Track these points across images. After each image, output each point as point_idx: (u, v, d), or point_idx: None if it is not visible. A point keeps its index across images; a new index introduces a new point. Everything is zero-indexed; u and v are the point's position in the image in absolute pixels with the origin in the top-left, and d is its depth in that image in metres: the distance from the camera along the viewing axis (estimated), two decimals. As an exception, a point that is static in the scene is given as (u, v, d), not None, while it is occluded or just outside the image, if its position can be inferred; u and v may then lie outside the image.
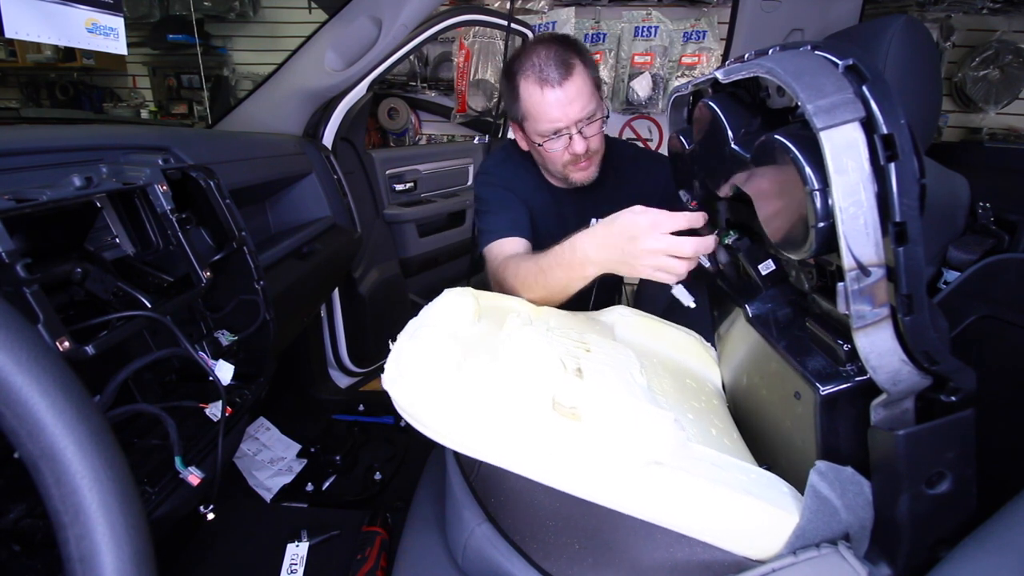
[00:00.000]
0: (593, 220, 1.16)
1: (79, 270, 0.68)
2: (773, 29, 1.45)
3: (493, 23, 2.11)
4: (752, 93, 0.59)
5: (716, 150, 0.60)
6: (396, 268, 1.98)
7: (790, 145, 0.43)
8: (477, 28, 2.71)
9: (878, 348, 0.42)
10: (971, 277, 0.85)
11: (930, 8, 2.44)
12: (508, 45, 2.10)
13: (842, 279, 0.42)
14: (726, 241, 0.70)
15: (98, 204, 0.74)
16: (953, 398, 0.45)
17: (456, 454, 0.67)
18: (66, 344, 0.55)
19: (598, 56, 2.75)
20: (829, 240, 0.42)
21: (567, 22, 2.72)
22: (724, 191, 0.62)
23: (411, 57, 2.55)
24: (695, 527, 0.49)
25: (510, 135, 1.24)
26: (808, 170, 0.41)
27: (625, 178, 1.21)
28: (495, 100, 2.78)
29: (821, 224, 0.42)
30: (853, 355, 0.48)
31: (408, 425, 0.61)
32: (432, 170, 2.16)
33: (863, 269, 0.40)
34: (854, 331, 0.43)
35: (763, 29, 1.46)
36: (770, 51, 0.50)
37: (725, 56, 1.58)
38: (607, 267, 0.83)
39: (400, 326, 0.70)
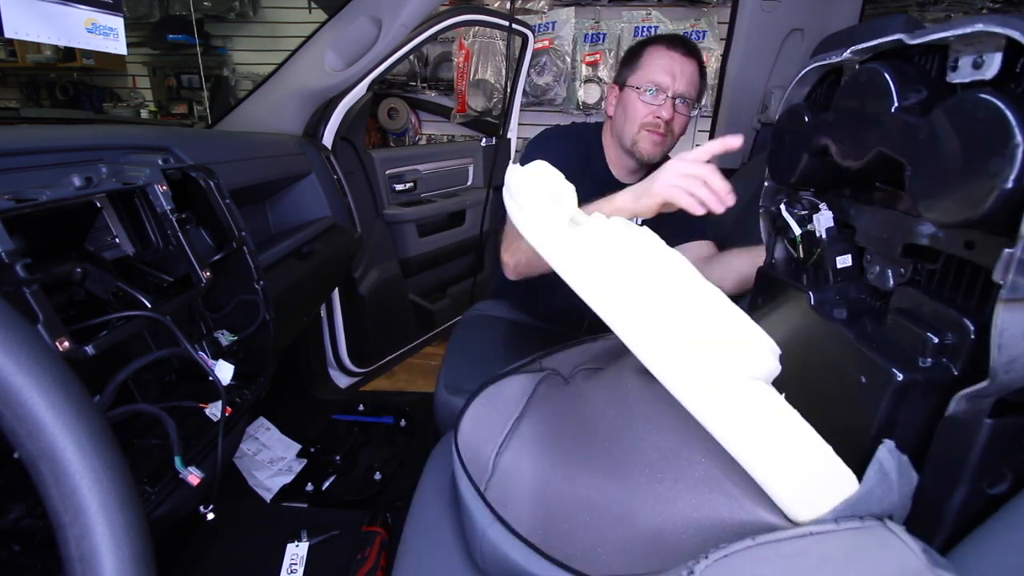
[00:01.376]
0: (636, 221, 1.20)
1: (79, 270, 0.68)
2: (773, 29, 1.46)
3: (493, 23, 2.11)
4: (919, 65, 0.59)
5: (867, 116, 0.59)
6: (396, 268, 1.98)
7: (999, 103, 0.42)
8: (477, 28, 2.71)
9: (1018, 326, 0.42)
10: None
11: (930, 8, 2.44)
12: (509, 45, 2.10)
13: (989, 257, 0.42)
14: (820, 228, 0.69)
15: (98, 204, 0.74)
16: None
17: (460, 457, 0.66)
18: (66, 344, 0.55)
19: (598, 56, 2.75)
20: (1013, 202, 0.41)
21: (567, 22, 2.72)
22: (859, 161, 0.61)
23: (411, 57, 2.55)
24: (766, 458, 0.49)
25: (512, 134, 1.24)
26: (1017, 125, 0.40)
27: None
28: (495, 100, 2.78)
29: (1012, 184, 0.40)
30: (941, 350, 0.49)
31: (408, 425, 0.60)
32: (432, 170, 2.17)
33: None
34: (1002, 302, 0.42)
35: (763, 29, 1.46)
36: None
37: (725, 56, 1.58)
38: (636, 211, 0.88)
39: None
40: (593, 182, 1.22)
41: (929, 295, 0.52)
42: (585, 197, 1.18)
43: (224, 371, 0.81)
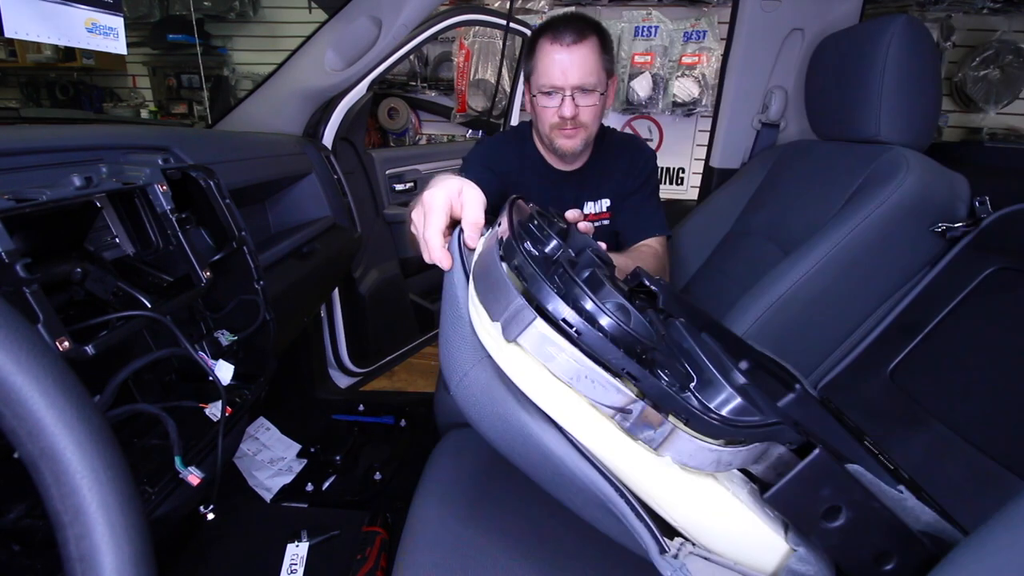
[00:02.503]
0: (588, 203, 1.25)
1: (79, 270, 0.68)
2: (773, 29, 1.46)
3: (493, 23, 2.11)
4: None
5: None
6: (396, 268, 1.98)
7: None
8: (477, 28, 2.71)
9: (687, 454, 0.44)
10: (985, 230, 0.85)
11: (930, 8, 2.44)
12: (507, 45, 2.10)
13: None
14: None
15: (98, 204, 0.74)
16: (792, 446, 0.46)
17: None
18: (66, 344, 0.55)
19: (598, 56, 2.75)
20: None
21: (567, 22, 2.72)
22: None
23: (411, 57, 2.55)
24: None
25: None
26: None
27: (613, 165, 1.26)
28: (495, 100, 2.79)
29: None
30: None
31: (408, 425, 0.59)
32: (432, 170, 2.17)
33: (623, 411, 0.43)
34: (656, 452, 0.44)
35: (763, 29, 1.46)
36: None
37: (725, 56, 1.58)
38: None
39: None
40: (534, 175, 1.25)
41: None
42: (530, 189, 1.23)
43: (224, 371, 0.81)
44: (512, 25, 2.11)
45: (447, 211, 0.58)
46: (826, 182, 1.17)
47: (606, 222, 1.28)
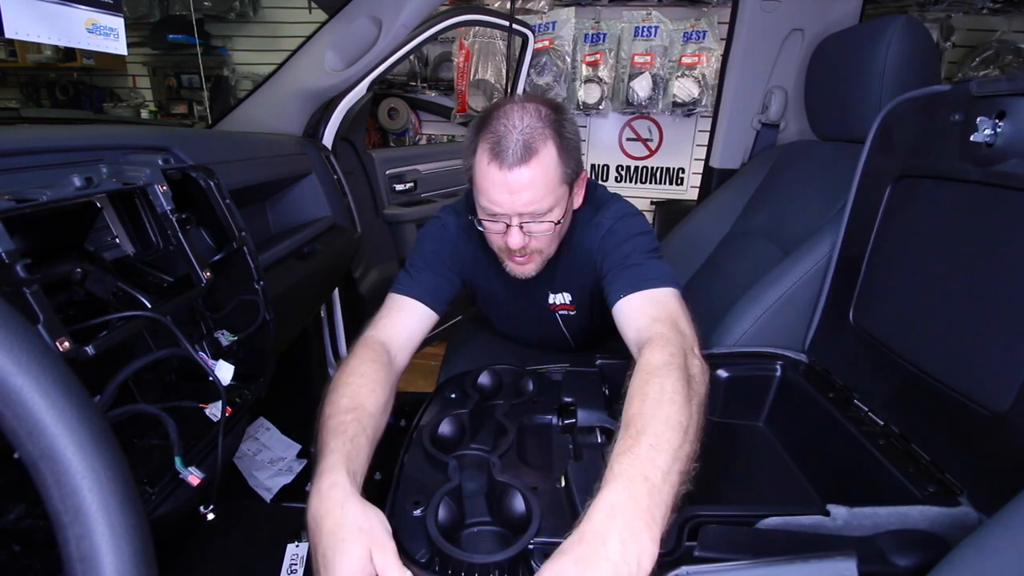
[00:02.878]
0: (552, 295, 1.07)
1: (79, 270, 0.68)
2: (773, 29, 1.46)
3: (493, 23, 2.11)
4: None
5: None
6: (396, 268, 1.98)
7: None
8: (477, 28, 2.71)
9: None
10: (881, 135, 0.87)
11: (930, 8, 2.44)
12: (509, 45, 2.10)
13: None
14: None
15: (98, 204, 0.74)
16: None
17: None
18: (66, 344, 0.55)
19: (598, 56, 2.74)
20: None
21: (567, 22, 2.72)
22: None
23: (411, 57, 2.55)
24: None
25: None
26: None
27: (585, 248, 0.99)
28: (495, 100, 2.78)
29: None
30: None
31: (408, 425, 0.61)
32: (432, 170, 2.17)
33: None
34: None
35: (763, 29, 1.46)
36: None
37: (725, 56, 1.58)
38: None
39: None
40: (497, 272, 1.03)
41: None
42: (489, 271, 1.05)
43: (224, 371, 0.81)
44: (514, 26, 2.11)
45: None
46: (826, 182, 1.17)
47: (572, 312, 1.11)
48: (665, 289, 0.84)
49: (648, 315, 0.80)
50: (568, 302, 1.09)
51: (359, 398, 0.78)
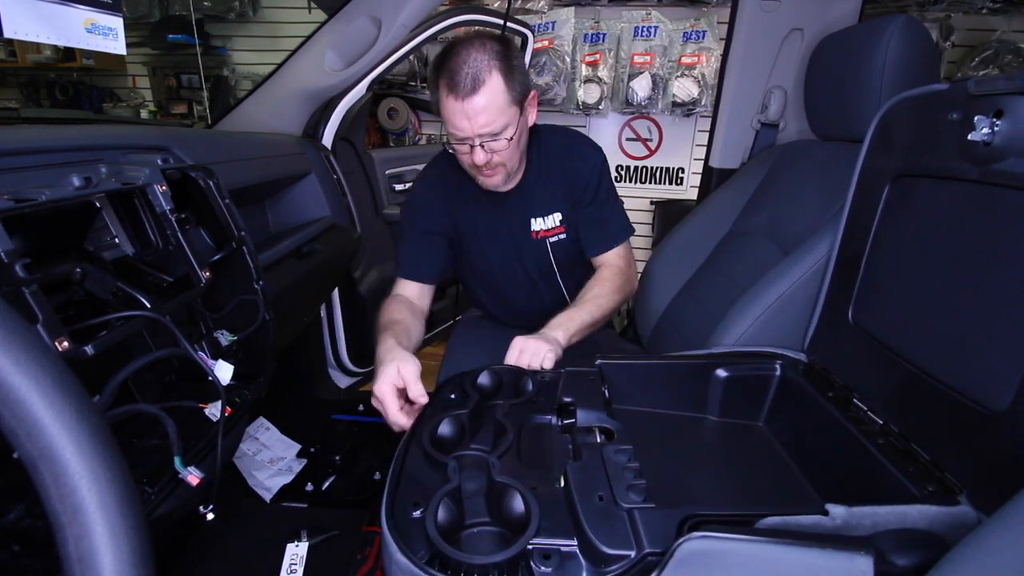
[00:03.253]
0: (536, 220, 1.22)
1: (78, 270, 0.68)
2: (773, 29, 1.46)
3: (492, 23, 2.11)
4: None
5: None
6: (396, 268, 1.98)
7: None
8: (476, 28, 2.71)
9: None
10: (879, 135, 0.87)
11: (930, 8, 2.44)
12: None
13: None
14: None
15: (97, 204, 0.74)
16: None
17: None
18: (65, 344, 0.55)
19: (598, 56, 2.75)
20: None
21: (567, 22, 2.72)
22: None
23: (411, 57, 2.55)
24: None
25: None
26: None
27: (557, 174, 1.19)
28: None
29: None
30: None
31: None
32: (432, 170, 2.16)
33: None
34: None
35: (763, 29, 1.46)
36: None
37: (725, 56, 1.58)
38: None
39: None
40: (477, 204, 1.21)
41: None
42: (476, 220, 1.22)
43: (224, 371, 0.81)
44: (510, 25, 2.11)
45: (395, 394, 0.86)
46: (825, 182, 1.17)
47: (562, 236, 1.23)
48: (625, 244, 1.23)
49: (609, 257, 1.22)
50: (557, 224, 1.22)
51: (394, 317, 1.10)
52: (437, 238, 1.23)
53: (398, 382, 0.87)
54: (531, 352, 0.95)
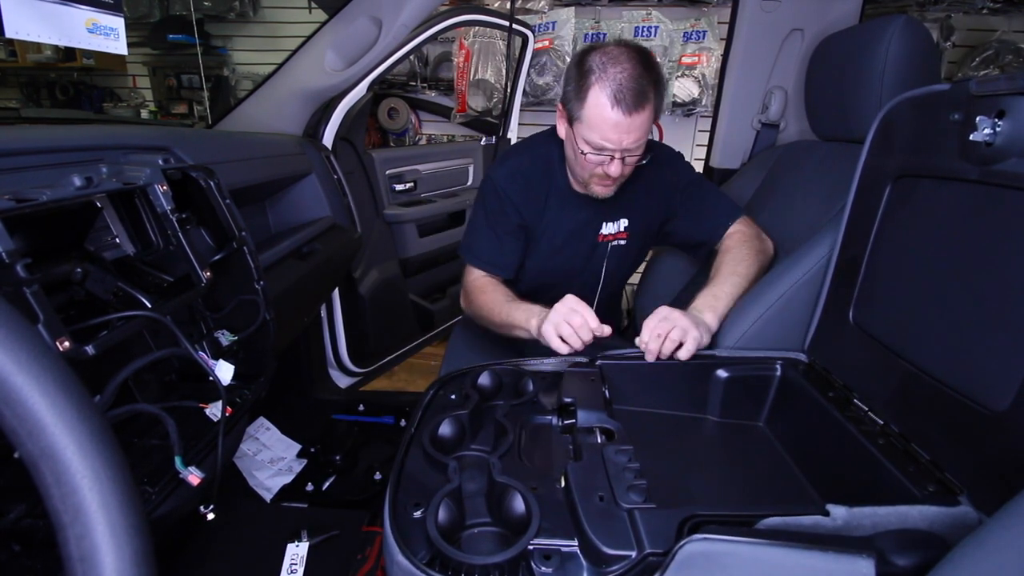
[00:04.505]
0: (606, 224, 1.22)
1: (79, 270, 0.68)
2: (773, 29, 1.46)
3: (493, 23, 2.11)
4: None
5: None
6: (396, 268, 1.98)
7: None
8: (477, 28, 2.71)
9: None
10: (880, 135, 0.87)
11: (930, 8, 2.44)
12: (509, 45, 2.10)
13: None
14: None
15: (98, 204, 0.74)
16: None
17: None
18: (66, 344, 0.55)
19: (598, 56, 2.74)
20: None
21: (567, 22, 2.72)
22: None
23: (411, 57, 2.55)
24: None
25: (512, 134, 1.25)
26: None
27: (636, 186, 1.19)
28: (495, 100, 2.78)
29: None
30: None
31: (408, 424, 0.61)
32: (432, 170, 2.17)
33: None
34: None
35: (763, 29, 1.46)
36: None
37: (725, 56, 1.58)
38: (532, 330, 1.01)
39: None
40: (559, 201, 1.20)
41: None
42: (549, 208, 1.21)
43: (224, 371, 0.81)
44: (514, 26, 2.11)
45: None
46: (826, 182, 1.17)
47: (622, 242, 1.24)
48: (740, 217, 1.22)
49: (732, 230, 1.20)
50: (622, 230, 1.23)
51: (502, 292, 1.16)
52: (517, 233, 1.21)
53: (583, 310, 0.92)
54: (676, 326, 0.91)
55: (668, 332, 0.90)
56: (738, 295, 1.04)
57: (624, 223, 1.22)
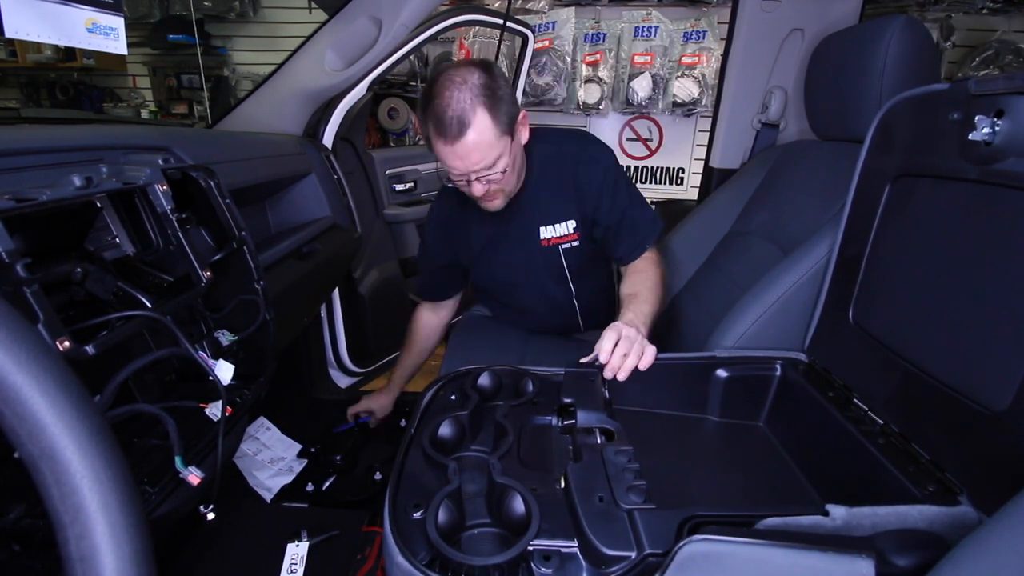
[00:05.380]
0: (544, 229, 1.21)
1: (79, 270, 0.68)
2: (773, 29, 1.46)
3: (492, 23, 2.11)
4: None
5: None
6: (396, 268, 1.98)
7: None
8: (477, 28, 2.71)
9: None
10: (880, 135, 0.87)
11: (930, 8, 2.44)
12: (505, 44, 2.09)
13: None
14: None
15: (98, 204, 0.74)
16: None
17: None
18: (66, 344, 0.55)
19: (598, 56, 2.75)
20: None
21: (567, 22, 2.72)
22: None
23: (411, 57, 2.55)
24: None
25: None
26: None
27: (560, 178, 1.17)
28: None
29: None
30: None
31: (407, 425, 0.61)
32: (432, 170, 2.17)
33: None
34: None
35: (763, 29, 1.46)
36: None
37: (725, 56, 1.58)
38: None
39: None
40: (480, 222, 1.23)
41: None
42: (479, 238, 1.25)
43: (224, 371, 0.81)
44: (509, 24, 2.11)
45: None
46: (825, 182, 1.17)
47: (575, 243, 1.21)
48: (653, 241, 1.19)
49: (642, 259, 1.18)
50: (570, 232, 1.21)
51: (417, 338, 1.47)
52: (451, 269, 1.34)
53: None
54: (633, 341, 0.90)
55: (626, 351, 0.88)
56: (654, 317, 1.06)
57: (571, 224, 1.19)
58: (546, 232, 1.20)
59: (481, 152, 0.99)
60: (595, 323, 1.34)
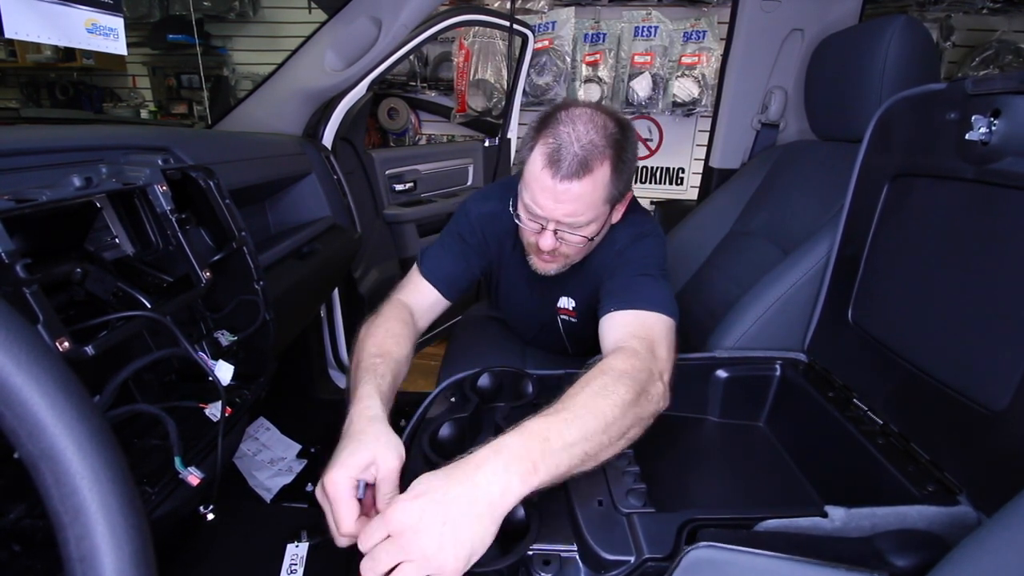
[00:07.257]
0: (563, 299, 1.11)
1: (79, 270, 0.68)
2: (773, 29, 1.46)
3: (493, 23, 2.11)
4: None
5: None
6: (396, 268, 1.98)
7: None
8: (477, 28, 2.71)
9: None
10: (878, 134, 0.87)
11: (930, 8, 2.44)
12: (510, 45, 2.09)
13: None
14: None
15: (98, 204, 0.74)
16: None
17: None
18: (66, 344, 0.55)
19: (598, 56, 2.74)
20: None
21: (567, 22, 2.72)
22: None
23: (411, 57, 2.55)
24: None
25: (512, 134, 1.21)
26: None
27: (597, 261, 1.01)
28: (495, 100, 2.78)
29: None
30: None
31: (407, 428, 0.61)
32: (432, 170, 2.17)
33: None
34: None
35: (763, 29, 1.46)
36: None
37: (725, 56, 1.58)
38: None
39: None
40: (516, 264, 1.10)
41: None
42: (512, 263, 1.11)
43: (224, 371, 0.81)
44: (514, 26, 2.11)
45: (353, 492, 0.65)
46: (825, 182, 1.17)
47: (573, 320, 1.13)
48: (655, 314, 0.83)
49: (629, 331, 0.81)
50: (571, 308, 1.12)
51: (386, 347, 0.87)
52: (477, 262, 1.09)
53: (367, 477, 0.63)
54: (403, 550, 0.52)
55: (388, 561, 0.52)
56: (572, 442, 0.60)
57: (572, 303, 1.11)
58: (562, 302, 1.13)
59: (581, 206, 0.84)
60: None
